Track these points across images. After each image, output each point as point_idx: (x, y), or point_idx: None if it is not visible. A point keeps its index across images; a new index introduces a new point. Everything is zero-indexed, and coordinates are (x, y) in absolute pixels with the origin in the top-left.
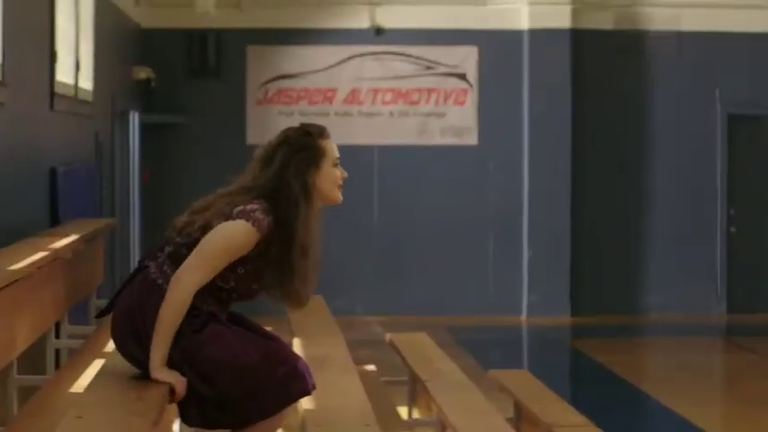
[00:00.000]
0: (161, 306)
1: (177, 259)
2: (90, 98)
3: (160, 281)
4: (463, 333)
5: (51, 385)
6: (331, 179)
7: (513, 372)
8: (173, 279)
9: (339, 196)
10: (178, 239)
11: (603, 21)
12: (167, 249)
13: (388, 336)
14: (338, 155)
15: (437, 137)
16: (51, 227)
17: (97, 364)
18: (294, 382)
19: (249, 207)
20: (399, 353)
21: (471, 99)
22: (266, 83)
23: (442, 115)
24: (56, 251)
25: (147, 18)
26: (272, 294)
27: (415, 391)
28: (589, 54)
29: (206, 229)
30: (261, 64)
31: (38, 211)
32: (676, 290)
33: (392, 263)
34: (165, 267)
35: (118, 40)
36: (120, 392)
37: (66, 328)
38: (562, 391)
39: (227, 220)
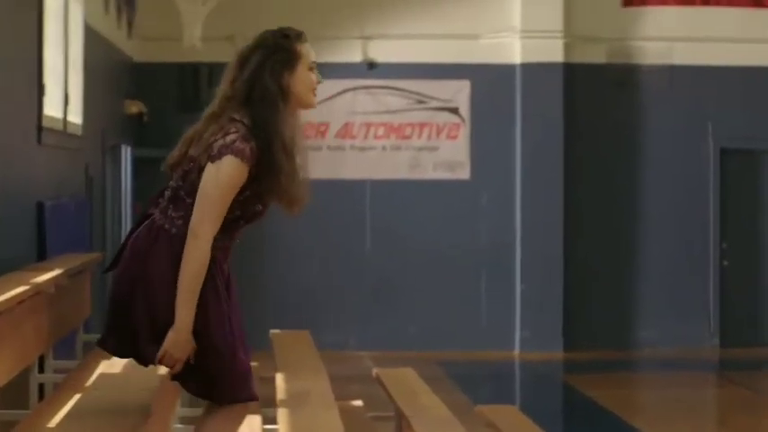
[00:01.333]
0: (182, 263)
1: (178, 202)
2: (79, 132)
3: (167, 225)
4: (455, 368)
5: (30, 420)
6: (306, 83)
7: (501, 407)
8: (189, 234)
9: (313, 101)
10: (173, 183)
11: (596, 54)
12: (167, 194)
13: (374, 370)
14: (314, 59)
15: (429, 171)
16: (38, 261)
17: (77, 399)
18: (246, 384)
19: (228, 139)
20: (384, 388)
21: (464, 133)
22: None
23: (434, 149)
24: (37, 285)
25: (139, 52)
26: (271, 201)
27: (401, 426)
28: (582, 88)
29: (200, 170)
30: None
31: (25, 245)
32: (669, 324)
33: (385, 297)
34: (169, 212)
35: (109, 73)
36: (94, 428)
37: (51, 362)
38: (553, 427)
39: (210, 158)
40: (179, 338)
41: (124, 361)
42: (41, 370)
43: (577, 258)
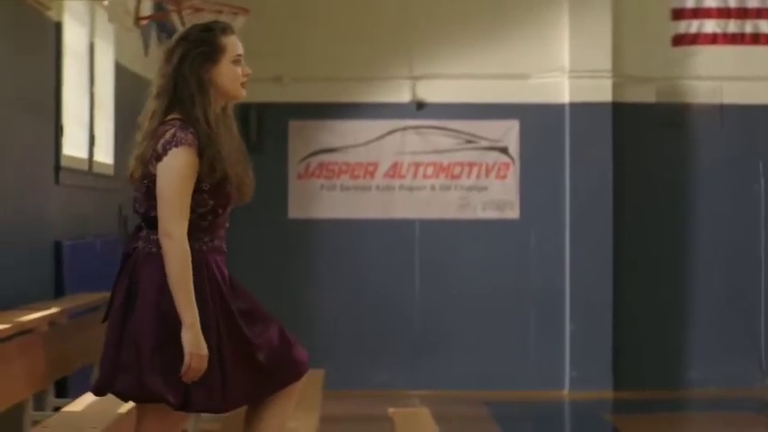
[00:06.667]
0: (166, 267)
1: (153, 222)
2: (111, 172)
3: (154, 249)
4: (501, 408)
5: None
6: (231, 75)
7: None
8: (161, 238)
9: (241, 92)
10: (140, 209)
11: (645, 94)
12: (142, 224)
13: (390, 410)
14: (241, 51)
15: (479, 211)
16: (55, 299)
17: None
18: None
19: (168, 135)
20: (394, 428)
21: (513, 173)
22: (307, 157)
23: (483, 189)
24: (22, 324)
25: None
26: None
27: None
28: (631, 127)
29: (154, 179)
30: (302, 138)
31: (41, 284)
32: (719, 364)
33: (434, 336)
34: (151, 237)
35: None
36: None
37: (52, 400)
38: None
39: (158, 158)
40: (194, 335)
41: (90, 398)
42: (41, 408)
43: (627, 297)
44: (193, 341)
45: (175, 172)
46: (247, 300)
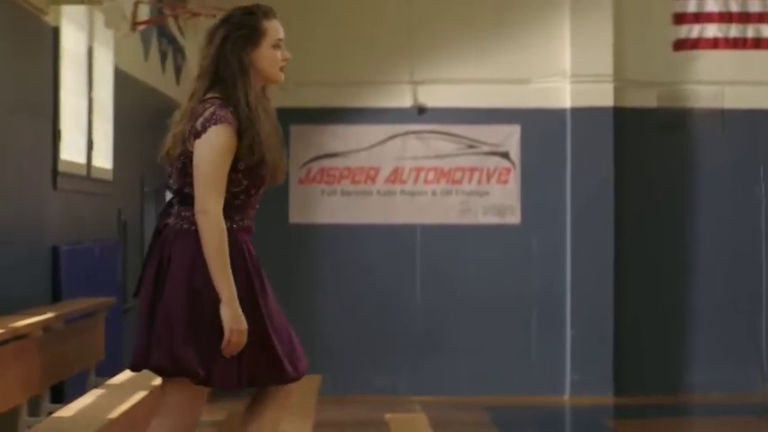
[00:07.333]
0: (203, 244)
1: (186, 199)
2: (110, 177)
3: (185, 225)
4: (502, 413)
5: None
6: (270, 58)
7: None
8: (197, 214)
9: (280, 75)
10: (174, 186)
11: (646, 98)
12: (174, 200)
13: (387, 416)
14: (281, 36)
15: (480, 216)
16: (53, 304)
17: None
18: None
19: (207, 113)
20: None
21: (514, 178)
22: (309, 162)
23: (484, 194)
24: (16, 330)
25: (184, 96)
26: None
27: None
28: (632, 132)
29: (191, 156)
30: (303, 143)
31: (38, 289)
32: (721, 368)
33: (435, 342)
34: (182, 213)
35: (150, 119)
36: None
37: (47, 405)
38: None
39: (196, 136)
40: (233, 310)
41: (82, 404)
42: (35, 413)
43: (628, 302)
44: (233, 316)
45: (213, 149)
46: (268, 287)
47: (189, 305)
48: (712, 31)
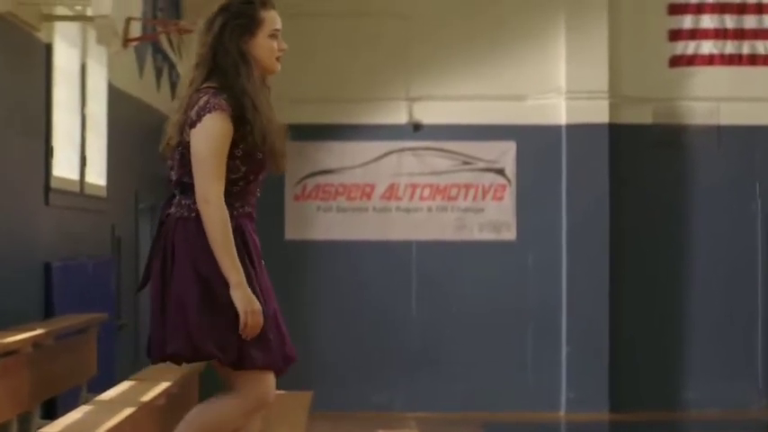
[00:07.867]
0: (207, 232)
1: (186, 189)
2: (103, 193)
3: (185, 214)
4: (498, 429)
5: None
6: (267, 48)
7: None
8: (199, 203)
9: (276, 65)
10: (173, 176)
11: (642, 115)
12: (175, 191)
13: None
14: (279, 26)
15: (475, 232)
16: (45, 320)
17: None
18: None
19: (201, 102)
20: None
21: (509, 194)
22: (304, 178)
23: (480, 210)
24: (5, 345)
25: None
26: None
27: None
28: (627, 148)
29: (188, 146)
30: (299, 159)
31: (30, 305)
32: (717, 385)
33: (430, 358)
34: (182, 202)
35: (145, 136)
36: None
37: (37, 421)
38: None
39: (192, 125)
40: (243, 293)
41: (69, 420)
42: (26, 429)
43: (623, 318)
44: (244, 299)
45: (209, 137)
46: (267, 276)
47: (199, 289)
48: (708, 47)
